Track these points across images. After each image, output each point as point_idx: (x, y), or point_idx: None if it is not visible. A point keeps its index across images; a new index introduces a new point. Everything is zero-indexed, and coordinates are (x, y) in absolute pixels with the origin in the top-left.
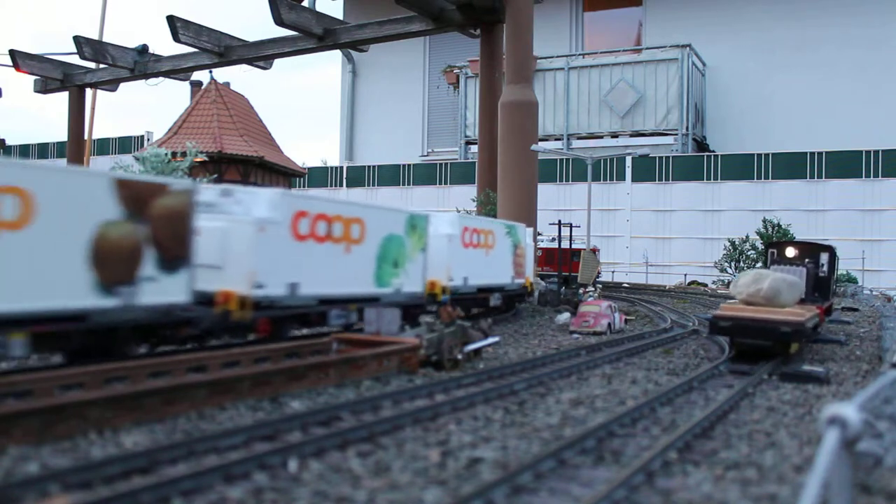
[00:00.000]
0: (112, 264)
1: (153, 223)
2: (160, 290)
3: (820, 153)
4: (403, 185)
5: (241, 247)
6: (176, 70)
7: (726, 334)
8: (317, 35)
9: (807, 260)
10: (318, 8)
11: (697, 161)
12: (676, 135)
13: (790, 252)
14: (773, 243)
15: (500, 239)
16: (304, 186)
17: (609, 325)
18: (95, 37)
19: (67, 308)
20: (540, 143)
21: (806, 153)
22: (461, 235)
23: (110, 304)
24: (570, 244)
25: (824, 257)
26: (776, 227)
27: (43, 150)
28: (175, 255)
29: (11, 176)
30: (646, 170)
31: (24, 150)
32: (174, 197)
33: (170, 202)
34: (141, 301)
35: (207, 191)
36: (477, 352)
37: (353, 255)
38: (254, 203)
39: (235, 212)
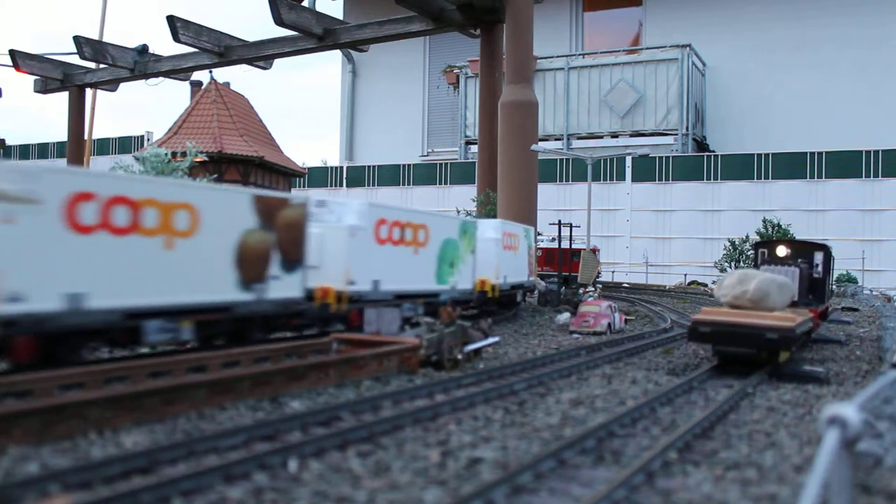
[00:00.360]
0: (250, 265)
1: (278, 231)
2: (282, 286)
3: (820, 153)
4: (403, 185)
5: (337, 249)
6: (176, 70)
7: (706, 341)
8: (317, 35)
9: (800, 260)
10: (318, 8)
11: (697, 161)
12: (676, 135)
13: (781, 251)
14: (763, 242)
15: (521, 241)
16: (303, 186)
17: (609, 325)
18: (95, 37)
19: (220, 301)
20: (540, 143)
21: (806, 153)
22: (502, 239)
23: (248, 298)
24: (570, 244)
25: (819, 257)
26: (776, 227)
27: (43, 150)
28: (293, 257)
29: (185, 195)
30: (646, 170)
31: (24, 151)
32: (293, 209)
33: (290, 213)
34: (269, 296)
35: None
36: (477, 352)
37: (420, 256)
38: (345, 212)
39: (329, 220)
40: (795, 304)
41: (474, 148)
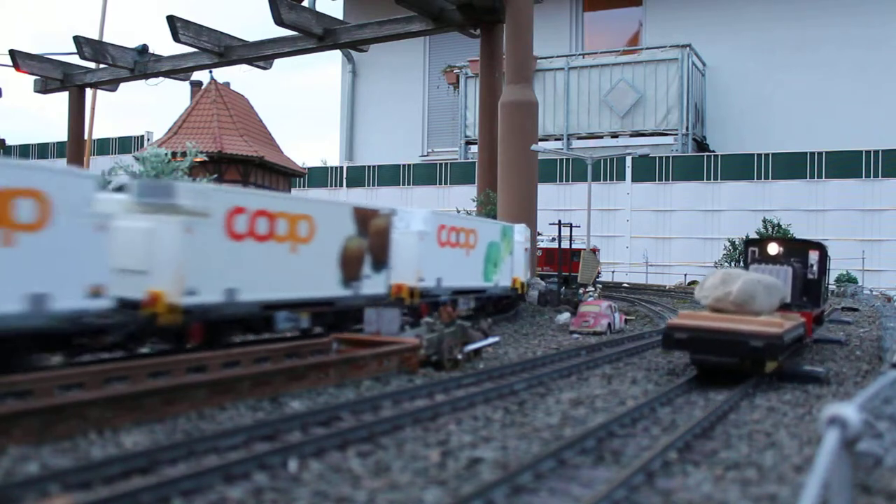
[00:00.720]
0: (350, 266)
1: (370, 237)
2: (372, 284)
3: (820, 153)
4: (403, 185)
5: (409, 251)
6: (176, 70)
7: (683, 349)
8: (317, 35)
9: (793, 259)
10: (318, 8)
11: (697, 161)
12: (676, 135)
13: (772, 250)
14: (754, 240)
15: (526, 243)
16: (303, 187)
17: (609, 325)
18: (95, 37)
19: (328, 296)
20: (540, 143)
21: (806, 153)
22: (524, 242)
23: (348, 294)
24: (570, 244)
25: (813, 256)
26: (776, 228)
27: (43, 150)
28: (381, 259)
29: (306, 208)
30: (646, 170)
31: (24, 150)
32: (381, 218)
33: (379, 222)
34: (362, 292)
35: None
36: (477, 352)
37: (471, 257)
38: (412, 219)
39: (400, 226)
40: (787, 307)
41: (474, 148)
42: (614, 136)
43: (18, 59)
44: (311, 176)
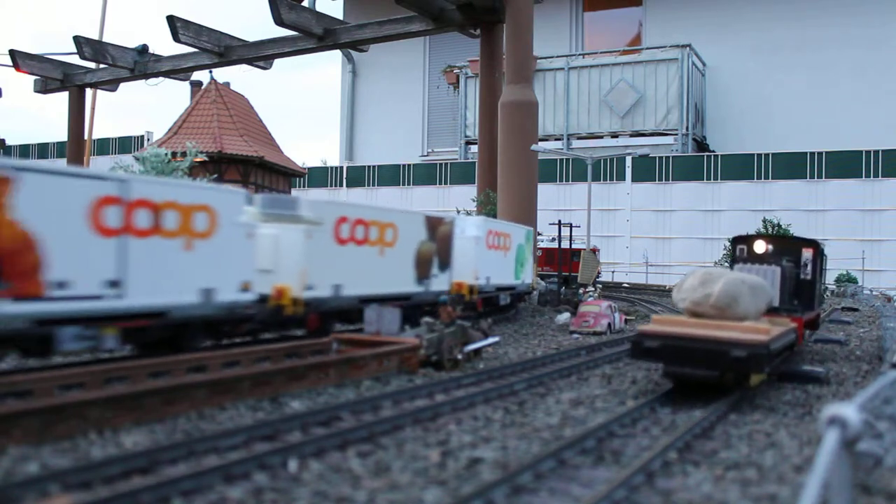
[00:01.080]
0: (422, 266)
1: (437, 242)
2: (438, 282)
3: (820, 153)
4: (403, 185)
5: (468, 254)
6: (176, 70)
7: (655, 359)
8: (317, 35)
9: (784, 258)
10: (318, 8)
11: (697, 161)
12: (676, 135)
13: (760, 247)
14: (742, 237)
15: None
16: (303, 187)
17: (609, 325)
18: (95, 37)
19: (406, 292)
20: (540, 143)
21: (806, 153)
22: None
23: (420, 290)
24: (570, 244)
25: (807, 255)
26: (776, 227)
27: (43, 150)
28: (445, 261)
29: (391, 217)
30: (646, 170)
31: (24, 150)
32: (446, 225)
33: (444, 228)
34: (431, 289)
35: None
36: (477, 352)
37: (507, 258)
38: (467, 226)
39: (456, 232)
40: (776, 310)
41: (474, 148)
42: (614, 136)
43: (18, 59)
44: (311, 176)
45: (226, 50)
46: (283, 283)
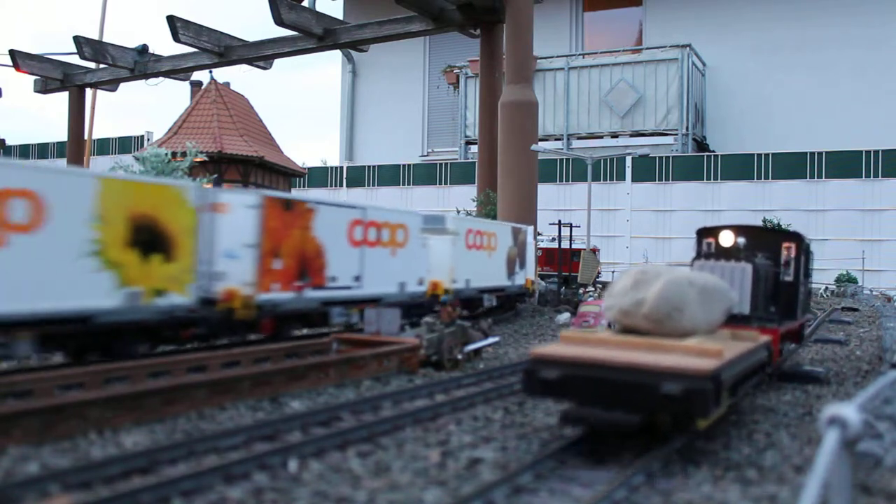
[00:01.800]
0: (510, 266)
1: (517, 246)
2: (518, 278)
3: (820, 153)
4: (403, 185)
5: (531, 257)
6: (176, 70)
7: (555, 395)
8: (317, 35)
9: (760, 255)
10: (318, 8)
11: (697, 161)
12: (676, 135)
13: (728, 240)
14: (708, 229)
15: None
16: (303, 186)
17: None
18: (95, 37)
19: (502, 285)
20: (540, 143)
21: (806, 153)
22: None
23: (510, 284)
24: (570, 244)
25: (788, 251)
26: (776, 227)
27: (43, 150)
28: (522, 262)
29: (494, 227)
30: (646, 170)
31: (24, 150)
32: (522, 233)
33: (521, 236)
34: (515, 283)
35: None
36: (477, 352)
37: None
38: (528, 233)
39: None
40: (746, 320)
41: (474, 148)
42: (614, 136)
43: (18, 59)
44: (311, 176)
45: (226, 50)
46: (436, 278)
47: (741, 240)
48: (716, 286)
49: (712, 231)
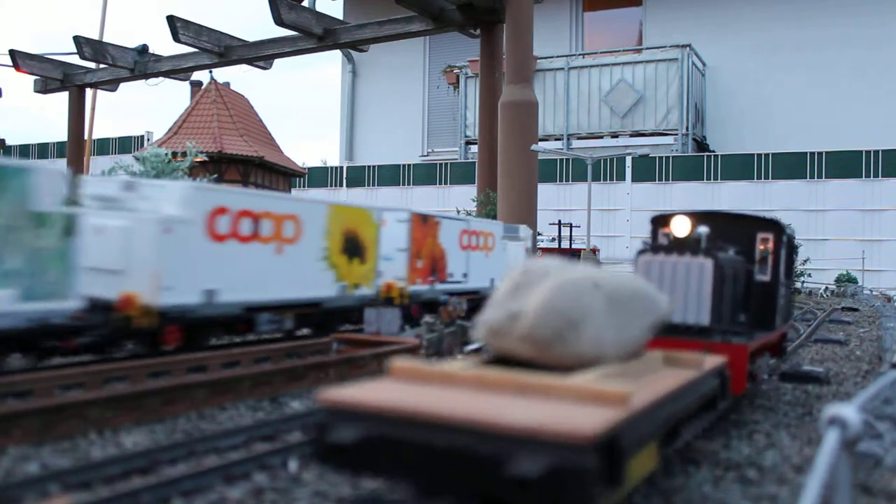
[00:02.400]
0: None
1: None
2: None
3: (820, 153)
4: (403, 185)
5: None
6: (176, 70)
7: (353, 467)
8: (317, 35)
9: (725, 248)
10: (318, 8)
11: (697, 161)
12: (676, 135)
13: (682, 228)
14: (662, 216)
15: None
16: (303, 187)
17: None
18: (95, 37)
19: None
20: (540, 143)
21: (806, 153)
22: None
23: None
24: (570, 244)
25: (765, 243)
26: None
27: (43, 150)
28: None
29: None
30: (646, 170)
31: (24, 150)
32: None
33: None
34: None
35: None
36: (477, 351)
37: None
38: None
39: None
40: (706, 332)
41: (474, 148)
42: (614, 136)
43: (18, 59)
44: (311, 176)
45: (226, 50)
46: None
47: (703, 229)
48: (636, 291)
49: (665, 220)
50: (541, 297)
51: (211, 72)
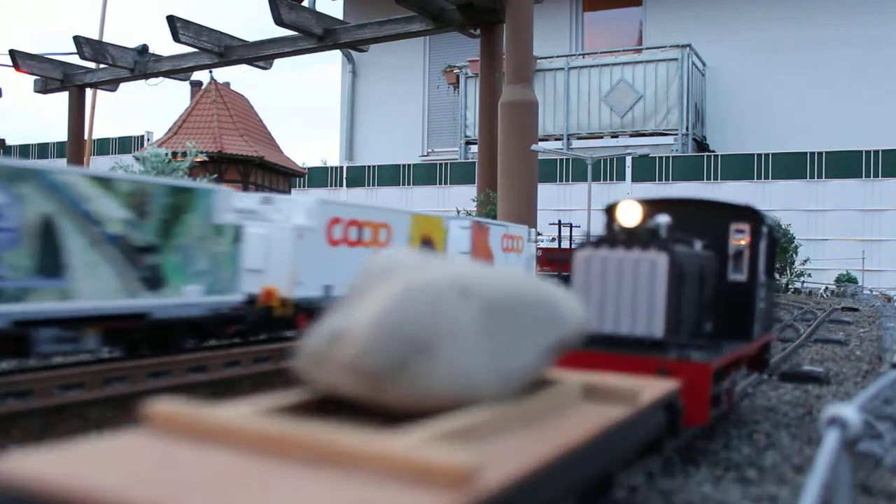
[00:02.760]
0: None
1: None
2: None
3: (820, 153)
4: (403, 185)
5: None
6: (176, 70)
7: None
8: (317, 35)
9: (697, 243)
10: (318, 8)
11: (697, 161)
12: (676, 135)
13: (630, 216)
14: (616, 204)
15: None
16: (303, 187)
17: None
18: (95, 37)
19: None
20: (540, 143)
21: (806, 153)
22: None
23: None
24: (571, 244)
25: (739, 236)
26: (776, 227)
27: (43, 150)
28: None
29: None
30: (646, 170)
31: (24, 150)
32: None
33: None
34: None
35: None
36: None
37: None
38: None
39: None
40: (660, 347)
41: (474, 148)
42: (614, 136)
43: (18, 59)
44: (311, 176)
45: (226, 50)
46: None
47: (663, 218)
48: (530, 296)
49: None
50: (375, 308)
51: (211, 72)
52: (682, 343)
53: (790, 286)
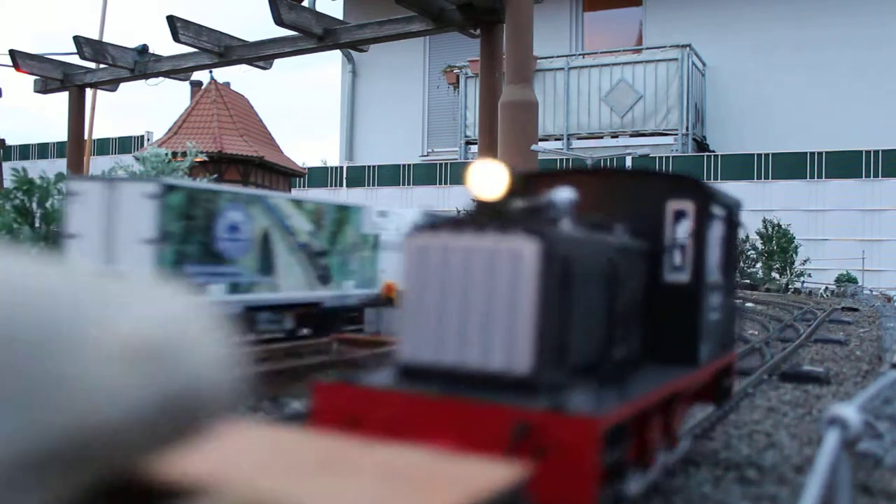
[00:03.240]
0: None
1: None
2: None
3: (820, 153)
4: (403, 185)
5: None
6: (176, 70)
7: None
8: (317, 35)
9: (617, 227)
10: (318, 8)
11: (697, 161)
12: (676, 135)
13: (486, 183)
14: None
15: None
16: (303, 187)
17: None
18: (95, 37)
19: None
20: (540, 143)
21: (806, 153)
22: None
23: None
24: None
25: (681, 219)
26: (776, 227)
27: (43, 150)
28: None
29: None
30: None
31: (24, 150)
32: None
33: None
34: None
35: None
36: None
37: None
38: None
39: None
40: (525, 388)
41: (474, 148)
42: (614, 136)
43: (18, 59)
44: (311, 176)
45: (226, 50)
46: None
47: (564, 194)
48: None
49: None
50: None
51: (211, 72)
52: (558, 382)
53: (790, 286)
